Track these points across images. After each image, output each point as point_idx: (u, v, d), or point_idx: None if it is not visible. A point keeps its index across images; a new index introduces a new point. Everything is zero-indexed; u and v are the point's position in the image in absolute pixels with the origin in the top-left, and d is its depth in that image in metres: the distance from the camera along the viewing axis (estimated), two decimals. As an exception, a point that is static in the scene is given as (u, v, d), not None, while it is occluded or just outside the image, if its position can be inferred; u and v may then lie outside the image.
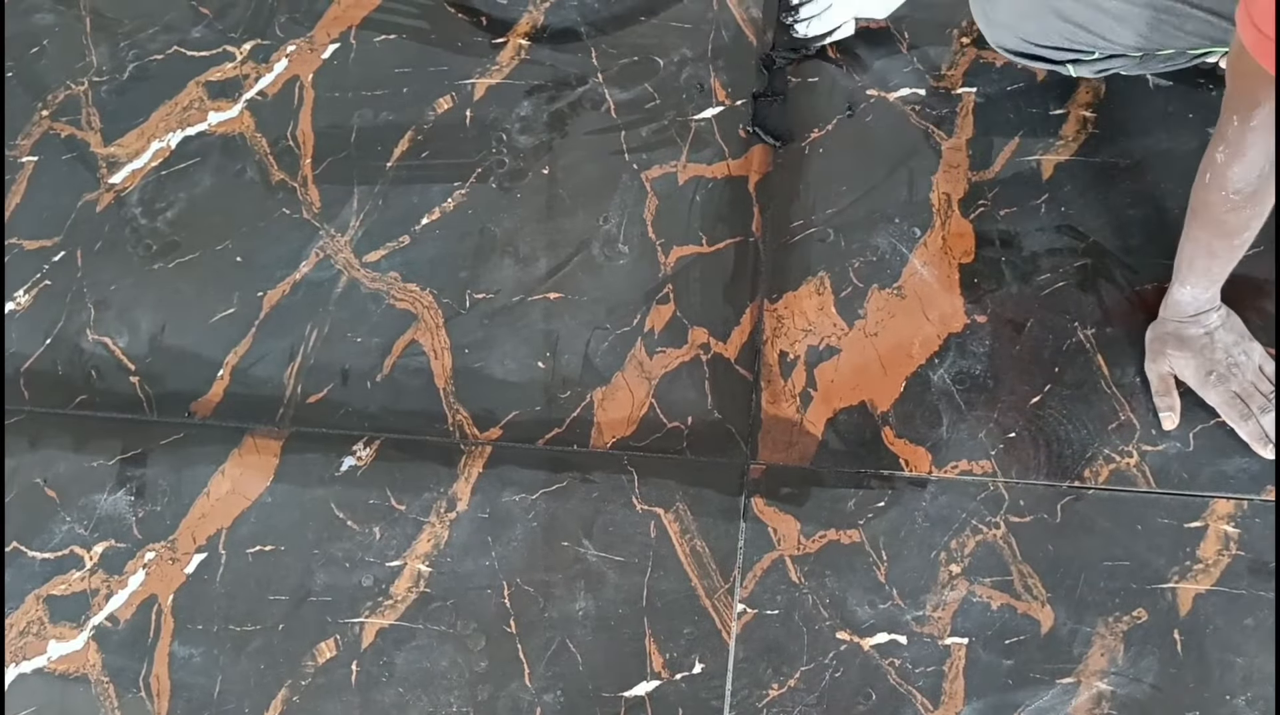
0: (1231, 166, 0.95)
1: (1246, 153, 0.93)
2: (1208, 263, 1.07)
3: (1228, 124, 0.93)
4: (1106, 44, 1.14)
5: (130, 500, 1.27)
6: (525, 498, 1.21)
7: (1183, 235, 1.08)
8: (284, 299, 1.35)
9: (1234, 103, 0.92)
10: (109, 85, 1.54)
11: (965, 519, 1.15)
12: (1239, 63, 0.87)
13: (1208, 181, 0.99)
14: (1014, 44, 1.19)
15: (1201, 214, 1.03)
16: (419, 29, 1.50)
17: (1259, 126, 0.90)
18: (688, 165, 1.36)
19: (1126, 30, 1.11)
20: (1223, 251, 1.05)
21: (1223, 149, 0.95)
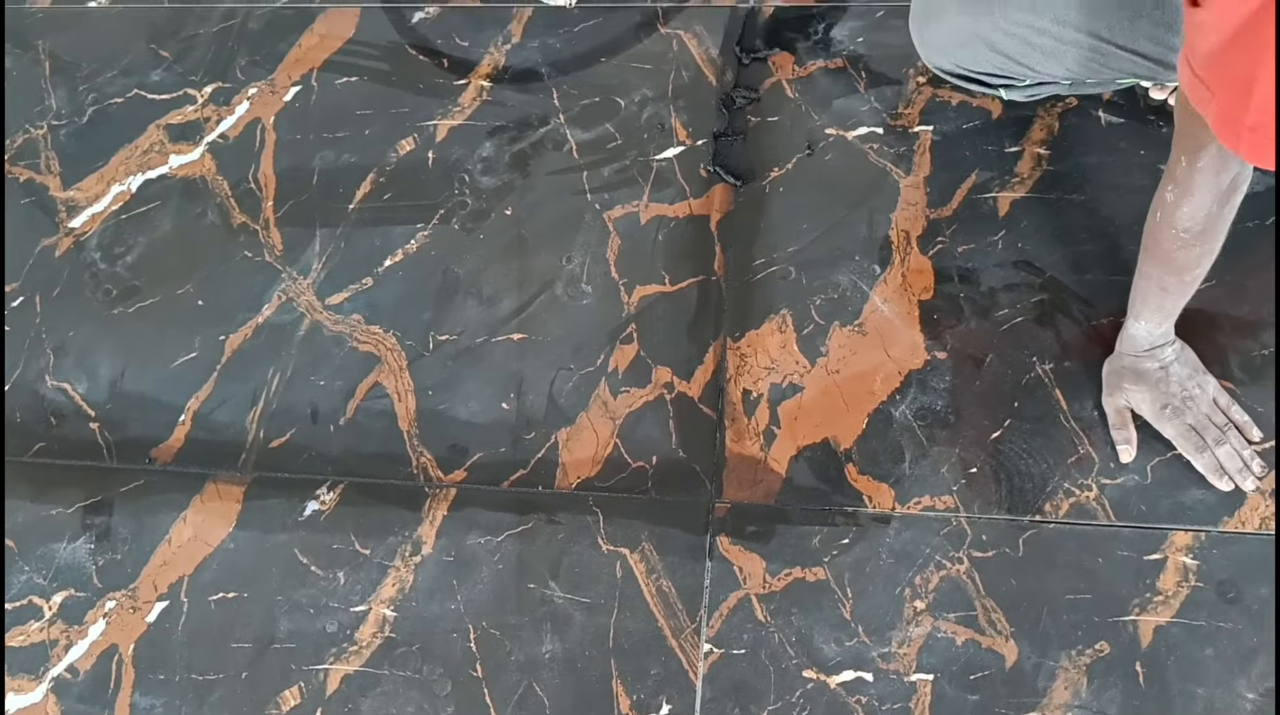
0: (1180, 206, 0.97)
1: (1194, 192, 0.95)
2: (1160, 299, 1.09)
3: (1176, 164, 0.95)
4: (1036, 74, 1.17)
5: (90, 548, 1.26)
6: (490, 540, 1.21)
7: (1136, 272, 1.10)
8: (246, 343, 1.35)
9: (1181, 143, 0.94)
10: (68, 129, 1.53)
11: (929, 555, 1.15)
12: (1184, 105, 0.89)
13: (1158, 219, 1.01)
14: (948, 65, 1.22)
15: (1153, 251, 1.05)
16: (380, 71, 1.51)
17: (1205, 167, 0.92)
18: (650, 205, 1.37)
19: (1055, 64, 1.13)
20: (1175, 287, 1.07)
21: (1172, 188, 0.97)
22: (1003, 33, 1.12)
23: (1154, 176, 1.25)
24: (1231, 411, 1.16)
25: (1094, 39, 1.08)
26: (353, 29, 1.55)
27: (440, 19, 1.54)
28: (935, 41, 1.20)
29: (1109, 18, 1.06)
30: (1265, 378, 1.19)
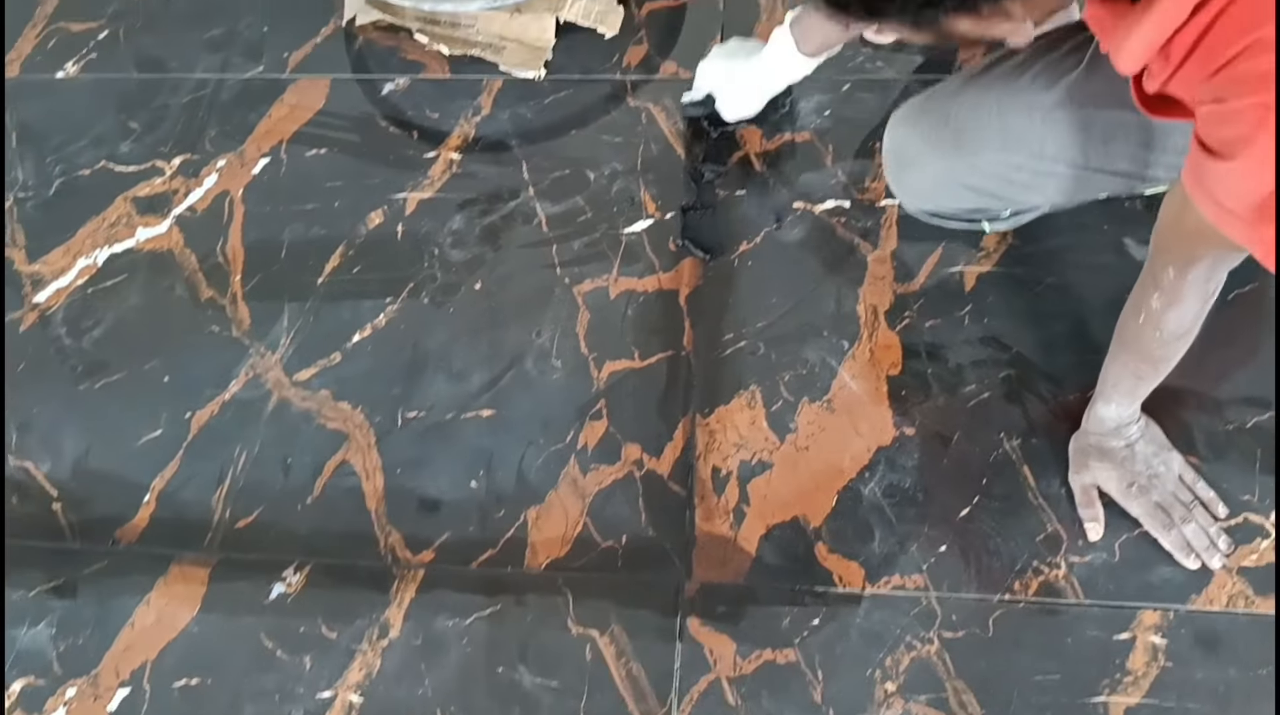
0: (1168, 312, 0.98)
1: (1184, 300, 0.96)
2: (1134, 384, 1.10)
3: (1162, 274, 0.95)
4: (1017, 205, 1.17)
5: (51, 633, 1.24)
6: (459, 622, 1.20)
7: (1109, 358, 1.11)
8: (213, 419, 1.34)
9: (1171, 257, 0.93)
10: (35, 201, 1.52)
11: (899, 635, 1.15)
12: (1179, 223, 0.89)
13: (1141, 322, 1.01)
14: (929, 207, 1.22)
15: (1132, 347, 1.06)
16: (350, 143, 1.51)
17: (1196, 277, 0.93)
18: (619, 279, 1.37)
19: (1035, 195, 1.14)
20: (1150, 375, 1.08)
21: (1158, 296, 0.97)
22: (980, 174, 1.12)
23: (1118, 252, 1.28)
24: (1197, 488, 1.17)
25: (1072, 167, 1.08)
26: (323, 100, 1.55)
27: (411, 90, 1.55)
28: (913, 187, 1.20)
29: (1085, 146, 1.06)
30: (1230, 454, 1.20)
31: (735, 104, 1.37)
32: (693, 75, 1.46)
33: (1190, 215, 0.84)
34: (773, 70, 1.31)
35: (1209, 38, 0.70)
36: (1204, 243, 0.88)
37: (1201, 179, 0.79)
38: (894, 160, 1.19)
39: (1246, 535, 1.16)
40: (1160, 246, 0.95)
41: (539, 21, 1.53)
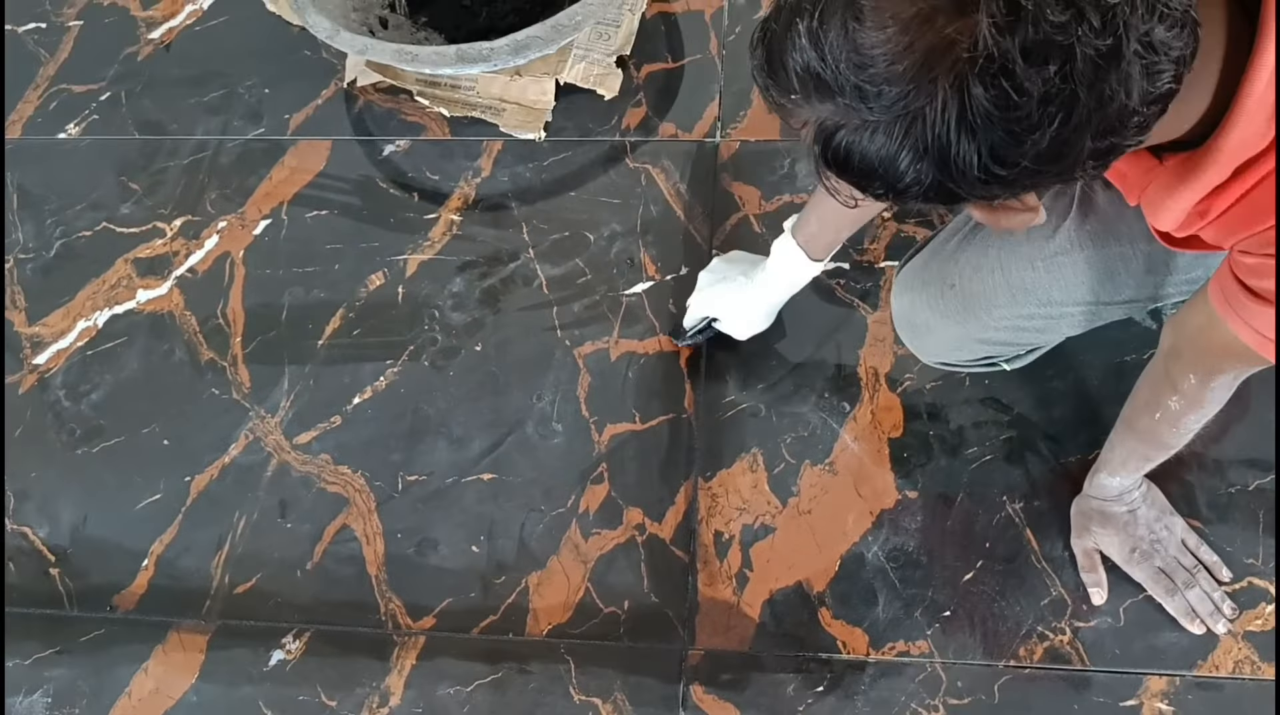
0: (1187, 415, 0.98)
1: (1206, 405, 0.97)
2: (1142, 463, 1.11)
3: (1183, 380, 0.95)
4: (1032, 345, 1.18)
5: (47, 703, 1.23)
6: (460, 691, 1.19)
7: (1116, 440, 1.10)
8: (212, 484, 1.33)
9: (1194, 367, 0.94)
10: (34, 263, 1.52)
11: (904, 702, 1.14)
12: (1205, 338, 0.89)
13: (1158, 419, 1.01)
14: (948, 360, 1.23)
15: (1146, 437, 1.06)
16: (350, 205, 1.52)
17: (1220, 386, 0.94)
18: (620, 341, 1.37)
19: (1052, 335, 1.14)
20: (1160, 457, 1.09)
21: (1177, 400, 0.97)
22: (992, 329, 1.11)
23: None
24: (1200, 552, 1.17)
25: (1082, 306, 1.08)
26: (324, 162, 1.56)
27: (411, 152, 1.56)
28: (930, 350, 1.20)
29: (1092, 285, 1.06)
30: (1232, 516, 1.20)
31: (745, 326, 1.29)
32: (691, 138, 1.47)
33: (1219, 334, 0.84)
34: (780, 284, 1.24)
35: (1254, 196, 0.69)
36: (1232, 359, 0.89)
37: (1239, 312, 0.79)
38: (906, 327, 1.19)
39: (1251, 599, 1.16)
40: (1180, 354, 0.95)
41: (538, 84, 1.55)
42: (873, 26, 0.55)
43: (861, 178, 0.62)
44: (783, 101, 0.62)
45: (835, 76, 0.57)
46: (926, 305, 1.13)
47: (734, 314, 1.28)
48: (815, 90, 0.59)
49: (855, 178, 0.62)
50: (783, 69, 0.60)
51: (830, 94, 0.58)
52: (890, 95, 0.56)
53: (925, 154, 0.57)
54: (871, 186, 0.62)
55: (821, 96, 0.59)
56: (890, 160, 0.59)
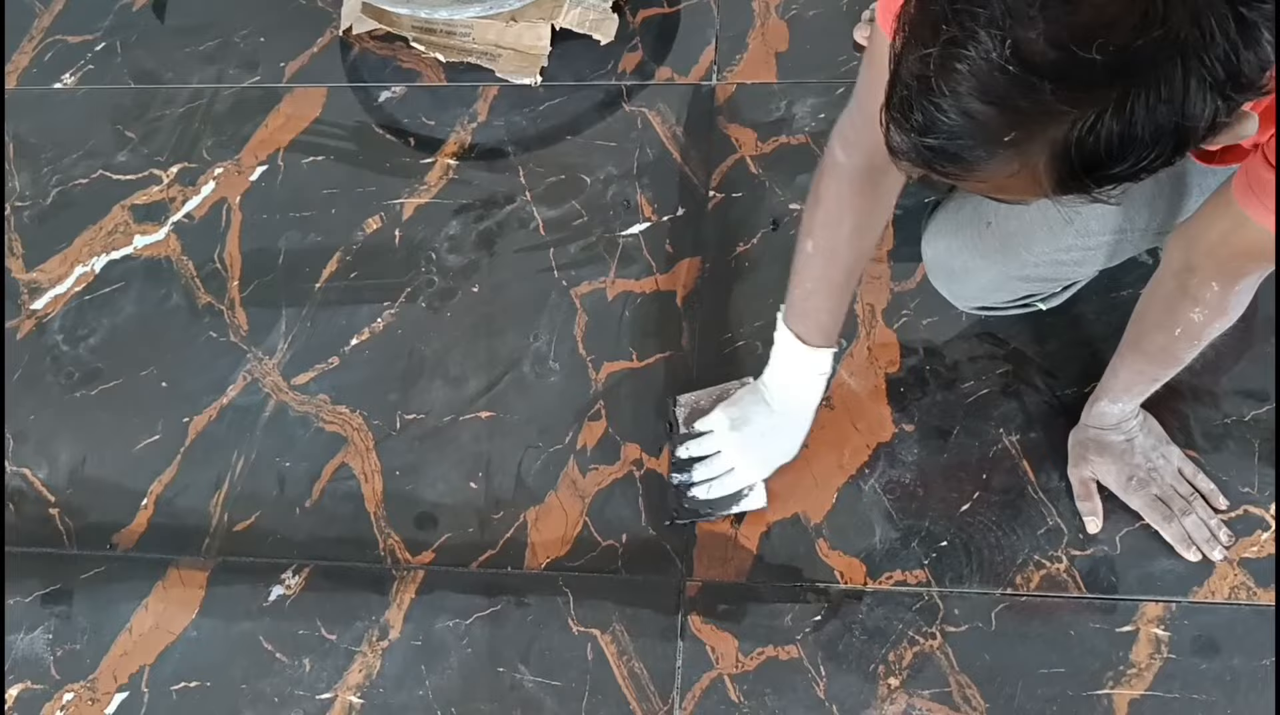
0: (1211, 325, 0.98)
1: (1229, 312, 0.97)
2: (1147, 386, 1.11)
3: (1204, 290, 0.95)
4: (1068, 281, 1.18)
5: (48, 639, 1.23)
6: (459, 624, 1.19)
7: (1121, 365, 1.10)
8: (210, 425, 1.34)
9: (1215, 274, 0.94)
10: (32, 210, 1.53)
11: (902, 630, 1.14)
12: (1228, 244, 0.89)
13: (1177, 335, 1.01)
14: (983, 304, 1.22)
15: (1159, 357, 1.06)
16: (347, 150, 1.52)
17: (1243, 290, 0.94)
18: (616, 281, 1.37)
19: (1088, 267, 1.14)
20: (1167, 375, 1.09)
21: (1200, 311, 0.97)
22: (1032, 266, 1.11)
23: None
24: (1197, 480, 1.17)
25: (1117, 233, 1.08)
26: (319, 109, 1.56)
27: (407, 98, 1.56)
28: (968, 295, 1.20)
29: (1127, 210, 1.06)
30: (1227, 446, 1.20)
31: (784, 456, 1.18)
32: (687, 81, 1.47)
33: (1244, 235, 0.84)
34: (801, 394, 1.14)
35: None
36: (1256, 259, 0.89)
37: (1271, 203, 0.79)
38: (942, 273, 1.18)
39: (1246, 527, 1.16)
40: (1198, 268, 0.94)
41: (534, 29, 1.55)
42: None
43: (1145, 156, 0.58)
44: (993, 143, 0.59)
45: (1085, 55, 0.54)
46: (964, 247, 1.12)
47: (770, 458, 1.18)
48: (1069, 87, 0.56)
49: (1134, 161, 0.59)
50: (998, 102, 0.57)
51: (1091, 78, 0.55)
52: (1153, 37, 0.53)
53: (1216, 78, 0.55)
54: (1113, 180, 0.60)
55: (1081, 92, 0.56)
56: (1180, 109, 0.56)
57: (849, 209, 1.02)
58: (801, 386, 1.14)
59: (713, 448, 1.19)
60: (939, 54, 0.57)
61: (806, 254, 1.06)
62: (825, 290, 1.08)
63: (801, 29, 1.54)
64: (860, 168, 0.99)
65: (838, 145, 1.01)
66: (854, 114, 0.98)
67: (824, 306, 1.09)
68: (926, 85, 0.58)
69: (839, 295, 1.09)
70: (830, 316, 1.10)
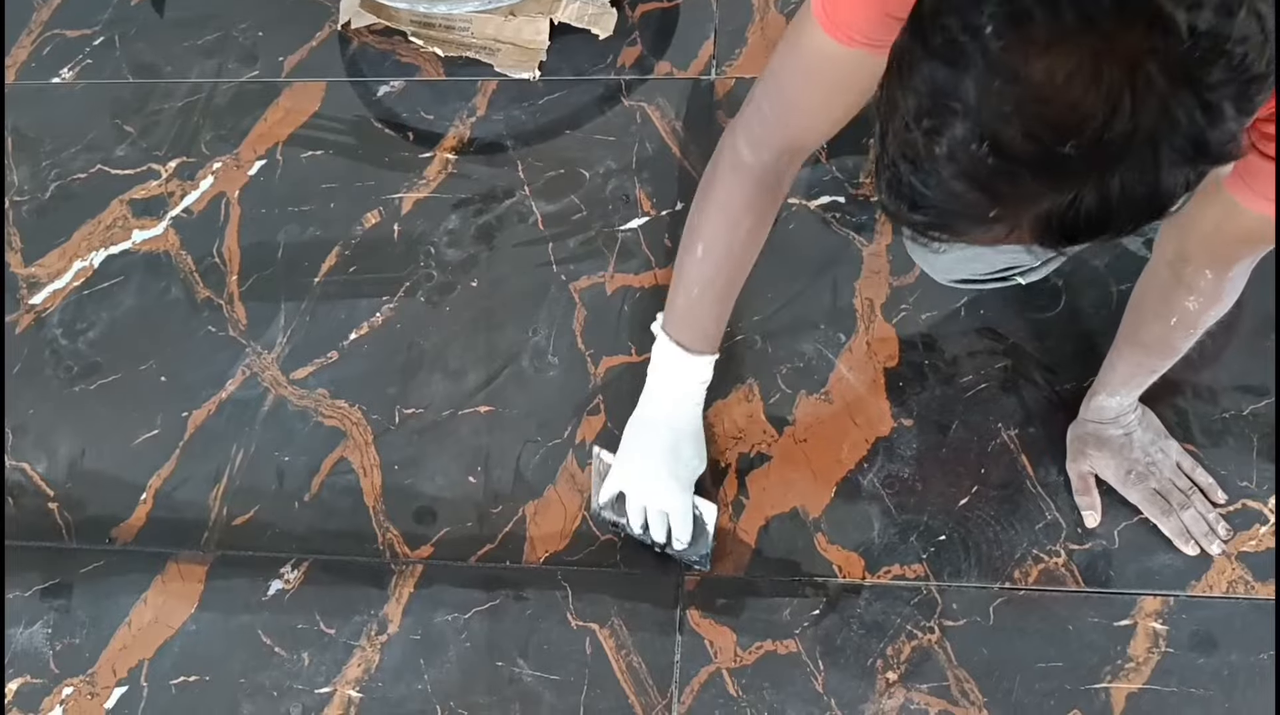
0: (1206, 312, 0.99)
1: (1223, 298, 0.97)
2: (1146, 378, 1.11)
3: (1198, 278, 0.95)
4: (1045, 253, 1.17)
5: (47, 633, 1.23)
6: (458, 618, 1.19)
7: (1118, 357, 1.11)
8: (209, 419, 1.33)
9: (1208, 262, 0.94)
10: (30, 205, 1.52)
11: (900, 624, 1.15)
12: (1221, 232, 0.89)
13: (1173, 324, 1.01)
14: (962, 276, 1.22)
15: (1156, 347, 1.06)
16: (346, 145, 1.52)
17: (1236, 276, 0.94)
18: (615, 276, 1.37)
19: None
20: (1165, 366, 1.09)
21: (1194, 299, 0.97)
22: None
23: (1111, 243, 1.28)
24: (1195, 474, 1.17)
25: None
26: (318, 103, 1.56)
27: (405, 93, 1.56)
28: (943, 265, 1.20)
29: None
30: (1227, 441, 1.20)
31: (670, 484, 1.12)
32: (687, 75, 1.48)
33: (1235, 222, 0.85)
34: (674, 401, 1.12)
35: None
36: (1249, 245, 0.89)
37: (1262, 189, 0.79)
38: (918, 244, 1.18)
39: (1245, 521, 1.16)
40: (1191, 256, 0.95)
41: (533, 23, 1.54)
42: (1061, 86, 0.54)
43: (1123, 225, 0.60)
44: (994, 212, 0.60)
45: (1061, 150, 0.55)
46: None
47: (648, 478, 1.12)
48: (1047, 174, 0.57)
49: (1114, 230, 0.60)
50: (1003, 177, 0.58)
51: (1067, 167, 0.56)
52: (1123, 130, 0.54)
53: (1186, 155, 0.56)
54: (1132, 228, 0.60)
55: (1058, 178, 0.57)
56: (1154, 186, 0.57)
57: (751, 209, 1.01)
58: (685, 396, 1.12)
59: (635, 507, 1.14)
60: (923, 139, 0.58)
61: (696, 258, 1.04)
62: (714, 295, 1.06)
63: (801, 23, 1.54)
64: (768, 166, 0.98)
65: (743, 143, 0.98)
66: (764, 111, 0.95)
67: (711, 312, 1.07)
68: (912, 165, 0.60)
69: (727, 299, 1.07)
70: (716, 323, 1.08)
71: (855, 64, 0.84)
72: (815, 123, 0.94)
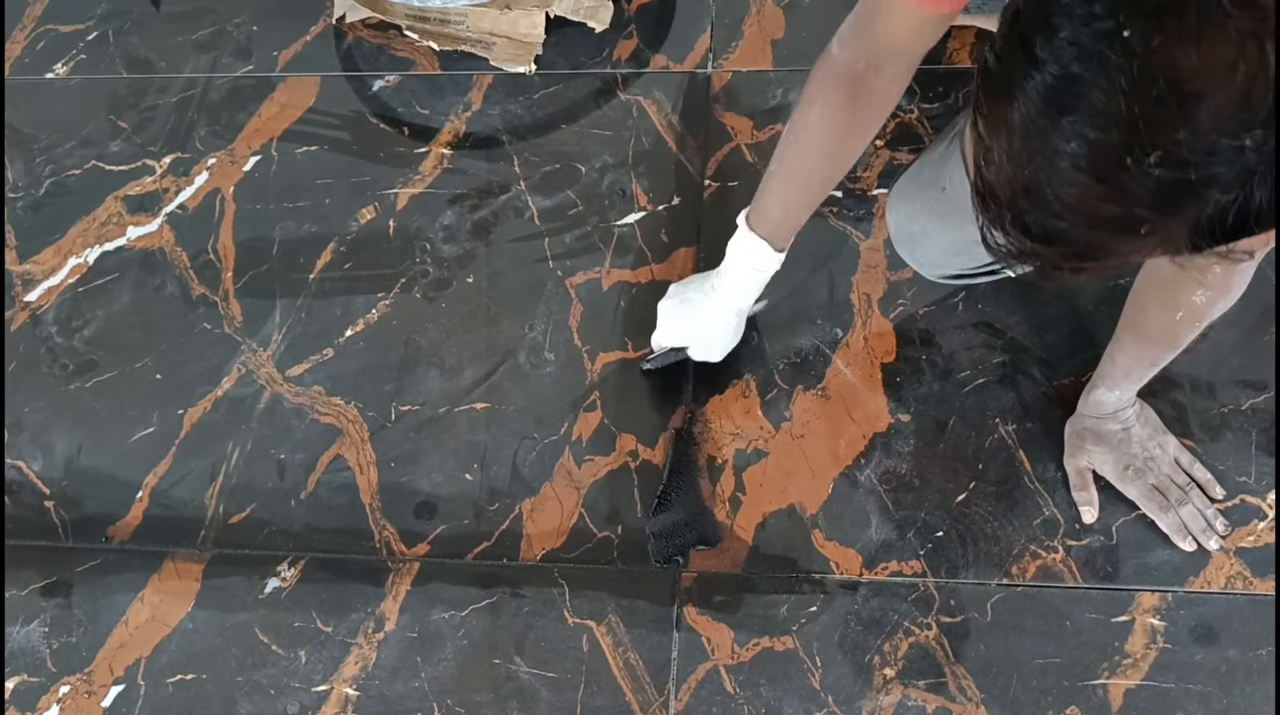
0: (1214, 304, 0.98)
1: (1232, 290, 0.96)
2: (1146, 371, 1.10)
3: (1206, 272, 0.94)
4: None
5: (44, 632, 1.23)
6: (455, 615, 1.19)
7: (1118, 351, 1.10)
8: (205, 417, 1.33)
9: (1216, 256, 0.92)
10: (25, 201, 1.52)
11: (897, 621, 1.14)
12: None
13: (1179, 318, 1.00)
14: (949, 272, 1.21)
15: (1161, 340, 1.05)
16: (341, 140, 1.51)
17: (1245, 268, 0.93)
18: (611, 271, 1.37)
19: None
20: (1166, 359, 1.08)
21: (1202, 292, 0.96)
22: None
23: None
24: (1194, 470, 1.17)
25: None
26: (313, 98, 1.55)
27: (401, 87, 1.55)
28: (929, 259, 1.18)
29: None
30: (1225, 436, 1.20)
31: (716, 345, 1.22)
32: (683, 69, 1.47)
33: None
34: (744, 286, 1.16)
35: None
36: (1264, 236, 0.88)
37: None
38: (904, 237, 1.17)
39: (1243, 516, 1.16)
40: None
41: (529, 17, 1.54)
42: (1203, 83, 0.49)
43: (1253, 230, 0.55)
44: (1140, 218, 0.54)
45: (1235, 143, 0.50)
46: (922, 211, 1.12)
47: (701, 335, 1.21)
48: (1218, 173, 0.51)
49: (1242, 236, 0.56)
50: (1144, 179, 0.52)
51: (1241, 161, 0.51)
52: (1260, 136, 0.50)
53: None
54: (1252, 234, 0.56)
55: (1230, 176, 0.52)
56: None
57: (826, 95, 0.98)
58: (737, 274, 1.15)
59: (660, 313, 1.23)
60: (1052, 166, 0.53)
61: (784, 139, 1.03)
62: (782, 179, 1.06)
63: (798, 16, 1.53)
64: (848, 63, 0.96)
65: (835, 39, 0.98)
66: (853, 16, 0.95)
67: (777, 195, 1.07)
68: (1038, 197, 0.54)
69: (792, 191, 1.06)
70: (780, 210, 1.08)
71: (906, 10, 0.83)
72: (886, 29, 0.91)
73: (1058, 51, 0.51)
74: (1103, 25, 0.49)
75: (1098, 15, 0.49)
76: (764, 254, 1.11)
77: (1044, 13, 0.51)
